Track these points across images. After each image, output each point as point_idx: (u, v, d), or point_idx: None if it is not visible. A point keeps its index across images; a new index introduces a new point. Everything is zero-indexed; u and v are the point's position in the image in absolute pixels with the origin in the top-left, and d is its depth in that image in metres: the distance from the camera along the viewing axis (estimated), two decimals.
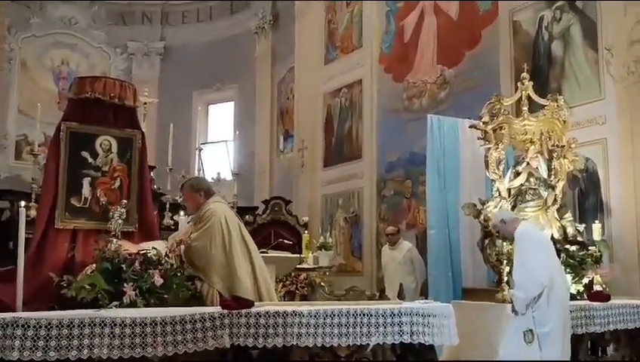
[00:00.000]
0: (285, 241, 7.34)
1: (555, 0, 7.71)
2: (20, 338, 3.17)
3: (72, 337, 3.25)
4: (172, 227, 8.78)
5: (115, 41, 15.27)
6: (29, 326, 3.21)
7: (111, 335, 3.32)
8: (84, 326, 3.29)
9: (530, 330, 4.60)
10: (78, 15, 14.81)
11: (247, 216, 10.51)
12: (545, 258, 4.73)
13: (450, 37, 9.43)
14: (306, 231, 9.50)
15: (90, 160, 4.52)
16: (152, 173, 9.26)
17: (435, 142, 6.66)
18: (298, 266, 7.54)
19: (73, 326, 3.27)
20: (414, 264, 8.09)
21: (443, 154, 6.64)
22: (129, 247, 4.05)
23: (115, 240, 3.90)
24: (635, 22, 6.69)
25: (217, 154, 13.73)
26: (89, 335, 3.27)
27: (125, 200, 4.27)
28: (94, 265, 3.89)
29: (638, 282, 6.32)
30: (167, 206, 9.36)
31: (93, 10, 14.93)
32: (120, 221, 4.00)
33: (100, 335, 3.30)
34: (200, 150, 11.22)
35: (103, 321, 3.33)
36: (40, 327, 3.22)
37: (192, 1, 15.56)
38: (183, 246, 4.26)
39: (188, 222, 5.04)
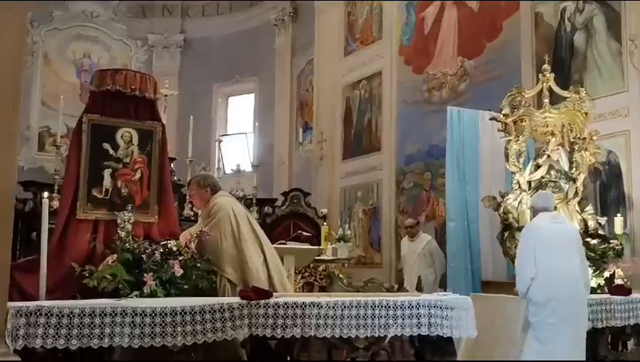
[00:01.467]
0: (304, 233, 7.36)
1: None
2: (44, 326, 3.24)
3: (94, 326, 3.30)
4: (192, 218, 8.85)
5: (136, 33, 15.37)
6: (51, 315, 3.26)
7: (131, 325, 3.36)
8: (105, 315, 3.34)
9: (527, 319, 4.61)
10: (99, 8, 14.93)
11: (266, 208, 10.56)
12: (535, 253, 4.62)
13: (470, 28, 9.35)
14: (324, 223, 9.52)
15: (111, 151, 4.57)
16: (172, 165, 9.33)
17: (455, 134, 6.63)
18: (317, 258, 7.55)
19: (95, 315, 3.32)
20: (433, 256, 8.07)
21: (463, 147, 6.61)
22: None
23: None
24: None
25: (237, 146, 13.78)
26: (110, 324, 3.33)
27: (130, 205, 4.32)
28: (115, 256, 3.95)
29: None
30: (188, 197, 9.42)
31: (115, 4, 15.04)
32: (129, 225, 4.06)
33: (120, 325, 3.35)
34: (220, 142, 11.29)
35: (123, 311, 3.38)
36: (62, 316, 3.27)
37: None
38: (195, 241, 4.32)
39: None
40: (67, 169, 4.64)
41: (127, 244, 3.96)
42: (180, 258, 4.05)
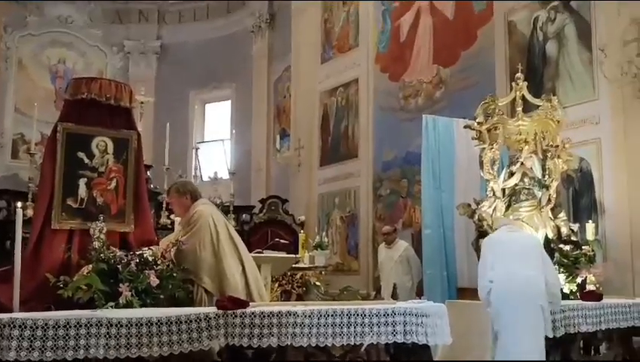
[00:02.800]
0: (281, 241, 7.37)
1: (549, 0, 7.74)
2: (17, 338, 3.20)
3: (69, 337, 3.28)
4: (169, 226, 8.82)
5: (112, 39, 15.27)
6: (25, 327, 3.23)
7: (107, 336, 3.34)
8: (80, 326, 3.31)
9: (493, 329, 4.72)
10: (74, 13, 14.81)
11: (243, 215, 10.57)
12: (493, 262, 4.80)
13: (445, 36, 9.46)
14: (302, 231, 9.54)
15: (86, 160, 4.55)
16: (148, 173, 9.30)
17: (430, 141, 6.70)
18: (294, 265, 7.56)
19: (70, 326, 3.30)
20: (410, 263, 8.12)
21: (438, 154, 6.67)
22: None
23: None
24: (628, 22, 6.73)
25: (214, 153, 13.75)
26: (85, 336, 3.30)
27: (102, 216, 4.30)
28: (91, 266, 3.93)
29: (631, 281, 6.37)
30: (164, 205, 9.39)
31: (90, 9, 14.92)
32: (102, 237, 4.05)
33: (96, 336, 3.32)
34: (197, 149, 11.26)
35: (99, 321, 3.36)
36: (37, 328, 3.24)
37: (189, 0, 15.55)
38: (173, 249, 4.30)
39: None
40: (42, 178, 4.61)
41: (102, 254, 3.94)
42: (157, 267, 4.03)
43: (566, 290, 5.44)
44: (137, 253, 4.04)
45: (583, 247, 5.81)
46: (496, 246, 4.94)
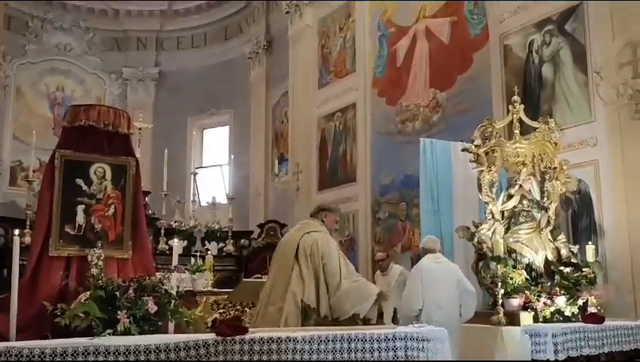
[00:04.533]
0: None
1: (544, 24, 7.81)
2: None
3: None
4: (167, 252, 8.80)
5: (110, 66, 15.37)
6: (22, 356, 3.19)
7: None
8: (77, 354, 3.27)
9: None
10: (73, 42, 14.93)
11: (242, 240, 10.53)
12: (421, 287, 5.93)
13: (442, 60, 9.53)
14: None
15: (84, 187, 4.55)
16: (146, 198, 9.29)
17: (428, 164, 6.71)
18: None
19: (67, 354, 3.26)
20: None
21: (436, 177, 6.68)
22: None
23: None
24: (623, 45, 6.78)
25: (212, 179, 13.77)
26: None
27: (100, 243, 4.28)
28: (88, 293, 3.90)
29: (633, 303, 6.33)
30: (162, 231, 9.37)
31: (88, 37, 15.05)
32: (100, 263, 4.03)
33: None
34: (195, 174, 11.27)
35: (96, 350, 3.32)
36: (33, 357, 3.20)
37: (187, 27, 15.69)
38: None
39: None
40: (39, 205, 4.60)
41: (100, 281, 3.91)
42: (155, 294, 4.00)
43: (567, 313, 5.39)
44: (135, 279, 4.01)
45: (584, 269, 5.78)
46: (425, 274, 5.99)
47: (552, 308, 5.38)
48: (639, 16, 6.73)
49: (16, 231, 4.28)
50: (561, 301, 5.42)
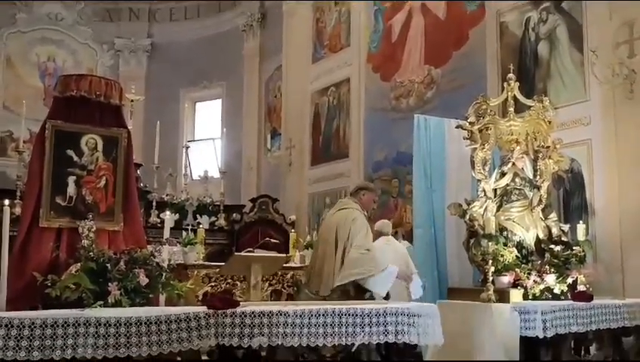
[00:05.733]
0: (272, 240, 7.33)
1: (541, 1, 7.75)
2: (3, 338, 3.15)
3: (56, 337, 3.23)
4: (158, 225, 8.78)
5: (102, 37, 15.18)
6: (12, 326, 3.18)
7: (95, 335, 3.30)
8: (68, 325, 3.27)
9: None
10: (64, 11, 14.70)
11: (234, 215, 10.52)
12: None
13: (437, 37, 9.46)
14: (293, 230, 9.50)
15: (75, 158, 4.49)
16: (138, 171, 9.24)
17: (422, 141, 6.67)
18: (285, 265, 7.52)
19: (57, 326, 3.25)
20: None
21: (429, 154, 6.65)
22: None
23: None
24: (619, 24, 6.75)
25: (204, 152, 13.71)
26: (73, 335, 3.26)
27: (91, 214, 4.25)
28: (79, 264, 3.88)
29: (621, 282, 6.39)
30: (154, 204, 9.33)
31: (80, 7, 14.82)
32: (91, 235, 4.00)
33: (84, 335, 3.28)
34: (187, 148, 11.22)
35: (87, 321, 3.32)
36: (23, 327, 3.20)
37: None
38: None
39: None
40: (29, 175, 4.55)
41: (91, 253, 3.89)
42: (146, 266, 3.99)
43: (557, 291, 5.43)
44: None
45: (574, 248, 5.81)
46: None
47: (542, 286, 5.41)
48: None
49: (7, 202, 4.24)
50: (550, 279, 5.45)
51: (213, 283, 6.55)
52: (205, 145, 13.97)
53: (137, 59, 15.54)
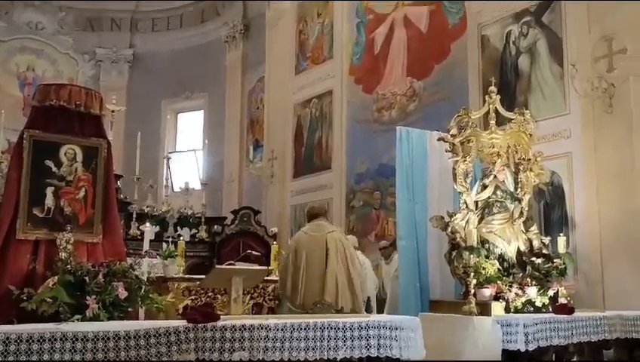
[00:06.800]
0: (253, 252, 7.27)
1: (522, 15, 7.83)
2: None
3: (31, 352, 3.15)
4: (138, 237, 8.67)
5: (83, 47, 15.04)
6: None
7: (72, 351, 3.23)
8: (44, 341, 3.19)
9: None
10: (44, 20, 14.55)
11: (215, 227, 10.44)
12: None
13: (419, 49, 9.52)
14: (274, 242, 9.44)
15: (54, 169, 4.42)
16: (118, 182, 9.15)
17: (404, 154, 6.68)
18: (266, 278, 7.46)
19: (33, 341, 3.17)
20: None
21: (412, 166, 6.66)
22: None
23: None
24: (598, 39, 6.83)
25: (186, 164, 13.62)
26: (49, 351, 3.18)
27: (69, 226, 4.18)
28: (56, 277, 3.80)
29: (601, 295, 6.42)
30: (134, 215, 9.23)
31: (61, 16, 14.69)
32: (70, 247, 3.93)
33: (60, 351, 3.20)
34: (168, 159, 11.13)
35: (64, 336, 3.24)
36: None
37: (163, 8, 15.43)
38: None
39: None
40: (7, 186, 4.46)
41: (68, 266, 3.82)
42: (125, 279, 3.92)
43: (538, 303, 5.44)
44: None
45: (555, 260, 5.84)
46: None
47: (523, 299, 5.43)
48: (615, 11, 6.79)
49: None
50: (532, 291, 5.47)
51: (193, 297, 6.46)
52: (187, 157, 13.88)
53: (119, 69, 15.45)
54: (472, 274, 5.36)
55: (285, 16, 12.30)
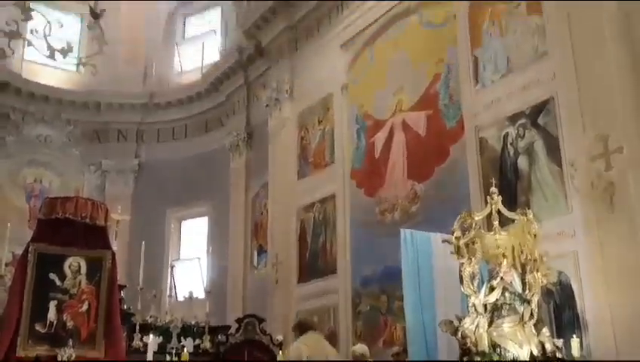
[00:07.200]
0: None
1: (517, 117, 8.02)
2: None
3: None
4: (141, 349, 8.48)
5: (89, 158, 15.37)
6: None
7: None
8: None
9: None
10: (53, 134, 14.96)
11: (219, 336, 10.21)
12: None
13: (419, 152, 9.68)
14: (280, 351, 9.21)
15: (57, 282, 4.44)
16: (122, 293, 9.04)
17: (409, 256, 6.67)
18: None
19: None
20: None
21: (417, 269, 6.62)
22: None
23: None
24: (593, 138, 6.96)
25: (190, 272, 13.55)
26: None
27: (71, 341, 4.13)
28: None
29: None
30: (137, 326, 9.07)
31: (69, 129, 15.12)
32: None
33: None
34: (172, 267, 11.09)
35: None
36: None
37: (168, 119, 15.91)
38: None
39: None
40: (9, 301, 4.45)
41: None
42: None
43: None
44: None
45: None
46: None
47: None
48: (607, 111, 6.96)
49: None
50: None
51: None
52: (191, 265, 13.83)
53: (124, 179, 15.70)
54: None
55: (287, 124, 12.63)
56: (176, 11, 16.79)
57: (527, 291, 6.03)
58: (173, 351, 8.50)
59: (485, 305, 5.95)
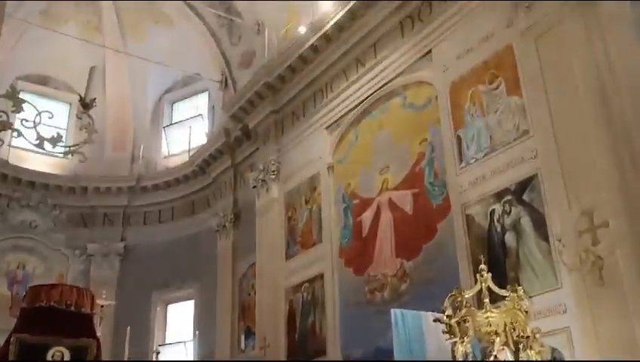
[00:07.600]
0: None
1: (503, 194, 8.10)
2: None
3: None
4: None
5: (75, 242, 15.23)
6: None
7: None
8: None
9: None
10: (38, 218, 14.89)
11: None
12: None
13: (406, 230, 9.69)
14: None
15: None
16: None
17: (401, 336, 6.56)
18: None
19: None
20: None
21: (410, 350, 6.50)
22: None
23: None
24: (579, 214, 7.02)
25: (176, 356, 13.19)
26: None
27: None
28: None
29: None
30: None
31: (55, 214, 15.04)
32: None
33: None
34: (157, 353, 10.80)
35: None
36: None
37: (154, 202, 15.88)
38: None
39: None
40: None
41: None
42: None
43: None
44: None
45: None
46: None
47: None
48: (590, 187, 7.06)
49: None
50: None
51: None
52: (177, 349, 13.49)
53: (109, 262, 15.50)
54: None
55: (275, 204, 12.66)
56: (164, 97, 17.09)
57: None
58: None
59: None
